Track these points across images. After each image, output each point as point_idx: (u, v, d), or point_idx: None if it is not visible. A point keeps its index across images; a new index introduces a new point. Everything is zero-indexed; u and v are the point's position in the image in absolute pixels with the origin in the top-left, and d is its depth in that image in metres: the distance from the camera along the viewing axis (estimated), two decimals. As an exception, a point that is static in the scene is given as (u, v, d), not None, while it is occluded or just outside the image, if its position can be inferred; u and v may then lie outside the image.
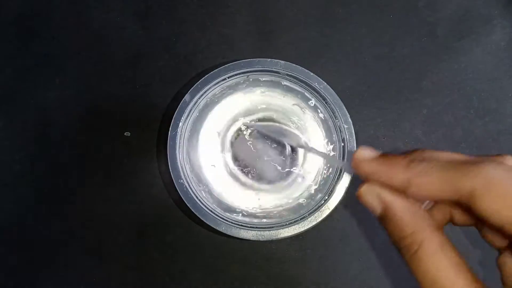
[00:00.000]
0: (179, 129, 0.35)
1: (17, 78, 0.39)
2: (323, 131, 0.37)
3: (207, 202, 0.35)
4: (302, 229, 0.34)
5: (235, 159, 0.37)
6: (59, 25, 0.40)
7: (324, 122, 0.37)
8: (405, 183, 0.20)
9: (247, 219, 0.35)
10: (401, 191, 0.21)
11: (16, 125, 0.39)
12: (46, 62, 0.40)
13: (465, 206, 0.19)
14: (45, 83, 0.39)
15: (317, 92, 0.36)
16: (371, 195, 0.23)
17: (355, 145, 0.35)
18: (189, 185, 0.35)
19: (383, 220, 0.22)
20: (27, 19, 0.40)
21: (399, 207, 0.22)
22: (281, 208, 0.36)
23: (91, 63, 0.40)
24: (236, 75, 0.36)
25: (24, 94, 0.39)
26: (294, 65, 0.36)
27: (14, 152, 0.38)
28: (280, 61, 0.36)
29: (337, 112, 0.35)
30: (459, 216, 0.23)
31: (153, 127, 0.39)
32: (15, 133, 0.39)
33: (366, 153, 0.23)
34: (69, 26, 0.40)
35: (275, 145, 0.37)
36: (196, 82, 0.36)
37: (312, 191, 0.36)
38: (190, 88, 0.36)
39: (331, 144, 0.37)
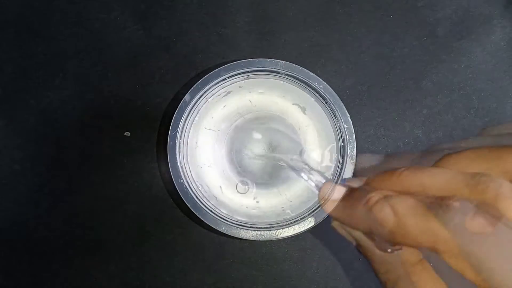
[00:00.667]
0: (179, 129, 0.35)
1: (17, 78, 0.39)
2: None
3: (207, 202, 0.35)
4: (302, 229, 0.34)
5: (235, 158, 0.37)
6: (59, 25, 0.40)
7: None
8: (367, 230, 0.20)
9: (247, 219, 0.35)
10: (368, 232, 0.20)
11: (16, 125, 0.39)
12: (46, 62, 0.39)
13: None
14: (45, 83, 0.39)
15: (317, 92, 0.36)
16: (343, 229, 0.22)
17: (355, 145, 0.35)
18: (189, 185, 0.35)
19: (360, 251, 0.21)
20: (27, 19, 0.40)
21: (369, 245, 0.21)
22: (280, 208, 0.36)
23: (91, 63, 0.39)
24: (236, 75, 0.36)
25: (24, 94, 0.39)
26: (294, 65, 0.36)
27: (14, 152, 0.38)
28: (280, 61, 0.36)
29: (337, 112, 0.35)
30: None
31: (153, 127, 0.39)
32: (15, 133, 0.39)
33: (328, 191, 0.22)
34: (69, 26, 0.40)
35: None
36: (196, 82, 0.36)
37: (312, 191, 0.36)
38: (190, 88, 0.36)
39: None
